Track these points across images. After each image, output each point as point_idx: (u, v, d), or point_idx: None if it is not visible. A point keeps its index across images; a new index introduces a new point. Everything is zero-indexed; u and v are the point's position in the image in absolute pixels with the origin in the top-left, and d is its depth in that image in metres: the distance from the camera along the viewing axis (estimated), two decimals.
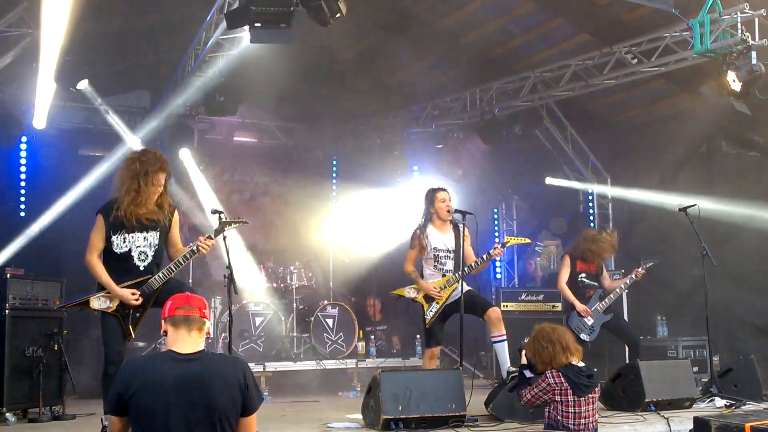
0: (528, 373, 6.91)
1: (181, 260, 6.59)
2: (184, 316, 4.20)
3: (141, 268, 6.58)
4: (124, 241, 6.52)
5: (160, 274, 6.56)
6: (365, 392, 7.52)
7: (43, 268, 9.99)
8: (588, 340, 9.79)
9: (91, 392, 9.23)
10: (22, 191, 12.06)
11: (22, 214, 11.97)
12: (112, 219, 6.49)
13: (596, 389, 6.40)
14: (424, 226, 8.62)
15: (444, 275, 8.49)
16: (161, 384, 3.98)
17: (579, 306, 9.83)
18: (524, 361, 7.21)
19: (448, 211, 8.51)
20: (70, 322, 9.06)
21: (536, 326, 6.74)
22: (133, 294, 6.44)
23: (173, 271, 6.61)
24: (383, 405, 6.94)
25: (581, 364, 6.43)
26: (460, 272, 8.35)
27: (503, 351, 8.36)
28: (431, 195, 8.66)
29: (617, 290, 9.94)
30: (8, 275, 8.37)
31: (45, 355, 8.38)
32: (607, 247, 10.07)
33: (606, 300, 9.85)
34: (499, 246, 8.53)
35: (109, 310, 6.46)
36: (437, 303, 8.39)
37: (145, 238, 6.58)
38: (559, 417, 6.27)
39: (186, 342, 4.15)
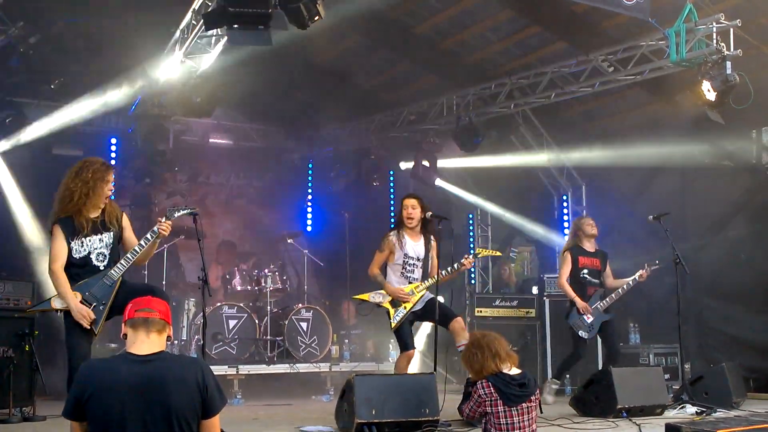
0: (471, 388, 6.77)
1: (137, 249, 6.66)
2: (144, 318, 4.15)
3: (101, 268, 6.68)
4: (82, 245, 6.63)
5: (120, 263, 6.64)
6: (339, 396, 7.51)
7: (15, 268, 9.90)
8: (586, 337, 9.67)
9: (62, 393, 9.13)
10: None
11: None
12: (69, 226, 6.60)
13: (532, 398, 6.15)
14: (398, 231, 8.55)
15: (410, 283, 8.45)
16: (116, 386, 3.93)
17: (579, 303, 9.65)
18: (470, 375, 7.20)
19: (410, 218, 8.47)
20: (41, 323, 8.97)
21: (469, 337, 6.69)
22: (86, 313, 6.48)
23: (130, 260, 6.67)
24: (357, 409, 6.93)
25: (515, 371, 6.20)
26: (429, 280, 8.38)
27: None
28: (401, 200, 8.68)
29: (619, 290, 9.77)
30: None
31: (16, 355, 8.28)
32: (585, 226, 10.00)
33: (607, 299, 9.70)
34: (470, 257, 8.58)
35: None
36: (404, 307, 8.32)
37: (100, 240, 6.70)
38: (493, 430, 6.03)
39: (144, 344, 4.09)
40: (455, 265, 8.49)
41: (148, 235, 6.65)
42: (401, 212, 8.56)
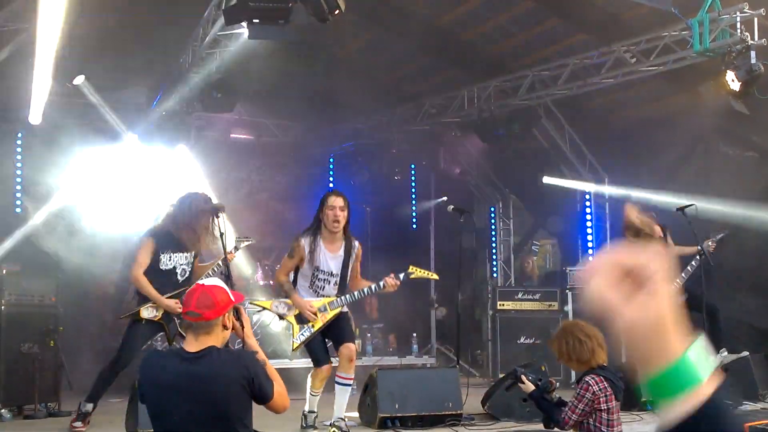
0: (549, 396, 6.04)
1: (210, 273, 7.65)
2: (188, 322, 4.17)
3: (181, 281, 7.60)
4: (170, 260, 7.55)
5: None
6: (362, 390, 7.53)
7: (39, 264, 9.96)
8: None
9: (86, 388, 9.20)
10: (18, 187, 12.01)
11: (18, 210, 11.93)
12: (164, 243, 7.49)
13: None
14: (313, 236, 7.45)
15: (321, 297, 7.47)
16: (165, 381, 4.03)
17: None
18: (530, 385, 6.17)
19: (336, 222, 7.30)
20: (66, 318, 9.03)
21: (561, 325, 6.07)
22: (176, 303, 7.37)
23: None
24: (380, 403, 6.94)
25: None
26: (345, 297, 7.45)
27: (342, 397, 7.32)
28: (322, 199, 7.53)
29: (683, 275, 9.24)
30: (4, 271, 8.37)
31: (41, 351, 8.35)
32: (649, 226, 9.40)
33: (677, 281, 9.16)
34: (400, 277, 7.42)
35: (156, 318, 7.45)
36: (312, 326, 7.32)
37: (185, 257, 7.64)
38: (603, 428, 5.54)
39: (192, 345, 4.11)
40: (375, 286, 7.42)
41: (219, 262, 7.67)
42: (322, 212, 7.42)
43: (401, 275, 7.34)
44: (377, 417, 6.95)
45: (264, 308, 7.79)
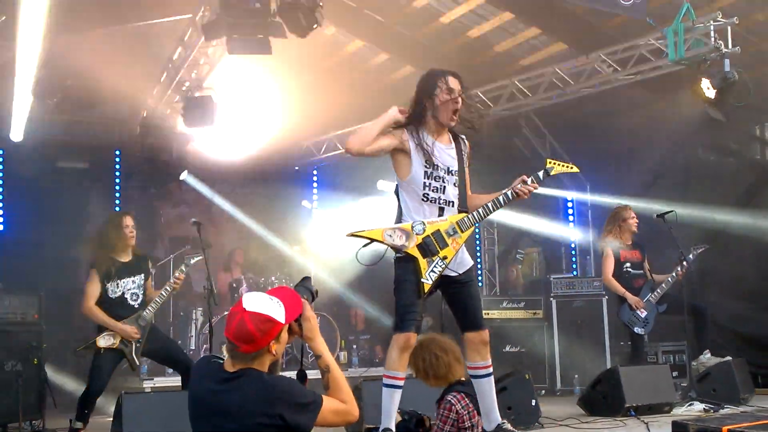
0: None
1: (163, 293, 7.79)
2: (228, 348, 3.70)
3: (135, 306, 7.72)
4: (117, 287, 7.64)
5: (151, 306, 7.73)
6: None
7: (21, 281, 9.95)
8: (643, 333, 9.41)
9: (70, 405, 9.17)
10: (1, 204, 11.98)
11: (0, 227, 11.91)
12: (105, 270, 7.61)
13: None
14: (415, 128, 5.61)
15: (441, 209, 5.58)
16: (197, 393, 3.71)
17: (631, 298, 9.34)
18: (398, 417, 5.83)
19: (455, 112, 5.55)
20: (50, 335, 9.02)
21: (418, 340, 5.54)
22: (132, 329, 7.54)
23: (159, 303, 7.80)
24: (365, 414, 6.95)
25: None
26: (472, 215, 5.58)
27: (490, 392, 5.64)
28: (431, 76, 5.77)
29: (669, 279, 9.41)
30: None
31: (24, 369, 8.34)
32: (631, 221, 9.71)
33: (658, 290, 9.40)
34: (539, 176, 5.80)
35: (114, 346, 7.51)
36: (444, 258, 5.41)
37: (133, 281, 7.73)
38: None
39: (230, 365, 3.68)
40: (515, 190, 5.64)
41: (167, 287, 7.80)
42: (431, 98, 5.62)
43: (540, 174, 5.71)
44: (363, 428, 6.98)
45: (372, 240, 5.52)
